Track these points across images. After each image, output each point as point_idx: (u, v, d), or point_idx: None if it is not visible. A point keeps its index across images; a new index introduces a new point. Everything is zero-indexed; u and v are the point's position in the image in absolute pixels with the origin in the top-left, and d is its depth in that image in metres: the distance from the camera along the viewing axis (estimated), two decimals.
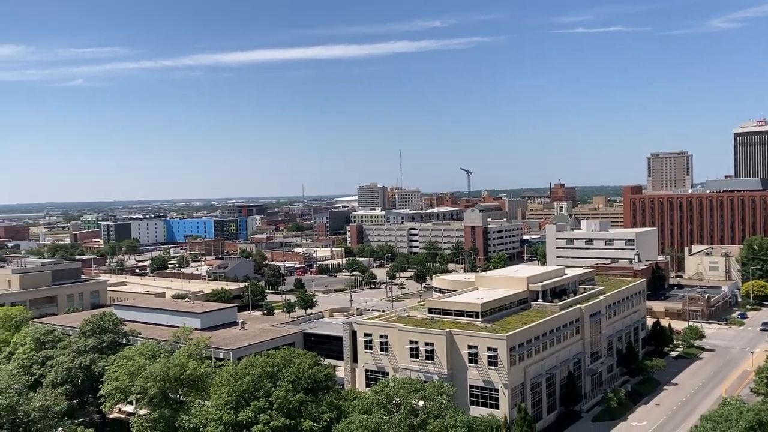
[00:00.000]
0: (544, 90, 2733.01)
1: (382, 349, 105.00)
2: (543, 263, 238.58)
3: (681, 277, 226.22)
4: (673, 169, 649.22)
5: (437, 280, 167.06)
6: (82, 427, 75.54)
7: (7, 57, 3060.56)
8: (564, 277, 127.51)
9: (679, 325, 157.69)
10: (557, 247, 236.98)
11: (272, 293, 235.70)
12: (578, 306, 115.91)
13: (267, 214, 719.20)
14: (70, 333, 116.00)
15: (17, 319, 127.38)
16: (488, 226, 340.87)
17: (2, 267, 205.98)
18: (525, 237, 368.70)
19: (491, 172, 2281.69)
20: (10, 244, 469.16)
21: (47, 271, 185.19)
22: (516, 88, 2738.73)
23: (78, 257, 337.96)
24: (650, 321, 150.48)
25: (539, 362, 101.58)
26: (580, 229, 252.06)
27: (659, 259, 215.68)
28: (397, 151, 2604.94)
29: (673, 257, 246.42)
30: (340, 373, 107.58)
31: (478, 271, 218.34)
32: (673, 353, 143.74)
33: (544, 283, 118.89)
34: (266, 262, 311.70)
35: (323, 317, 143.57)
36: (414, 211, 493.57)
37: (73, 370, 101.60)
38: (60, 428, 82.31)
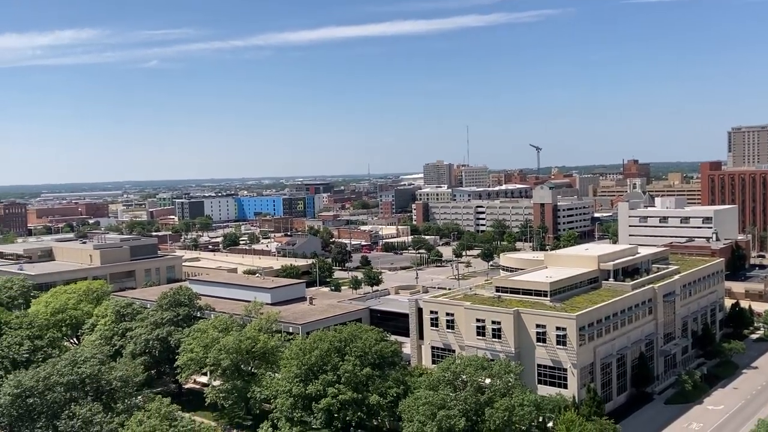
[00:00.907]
0: (618, 62, 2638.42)
1: (448, 327, 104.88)
2: (615, 242, 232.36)
3: (763, 257, 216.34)
4: (757, 143, 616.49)
5: (505, 259, 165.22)
6: (160, 396, 78.73)
7: (87, 40, 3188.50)
8: (637, 256, 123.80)
9: (760, 307, 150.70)
10: (630, 225, 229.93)
11: (339, 270, 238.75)
12: (651, 286, 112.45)
13: (333, 192, 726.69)
14: (148, 306, 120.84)
15: (98, 293, 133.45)
16: (558, 203, 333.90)
17: (84, 243, 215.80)
18: (596, 215, 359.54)
19: (562, 148, 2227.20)
20: (91, 221, 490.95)
21: (126, 246, 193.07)
22: (588, 62, 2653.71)
23: (154, 233, 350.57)
24: (729, 302, 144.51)
25: (609, 342, 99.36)
26: (654, 206, 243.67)
27: (739, 238, 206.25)
28: (464, 127, 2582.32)
29: (755, 236, 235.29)
30: (406, 349, 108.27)
31: (547, 250, 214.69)
32: (754, 336, 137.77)
33: (616, 262, 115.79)
34: (333, 239, 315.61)
35: (389, 294, 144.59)
36: (481, 189, 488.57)
37: (150, 342, 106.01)
38: (139, 397, 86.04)
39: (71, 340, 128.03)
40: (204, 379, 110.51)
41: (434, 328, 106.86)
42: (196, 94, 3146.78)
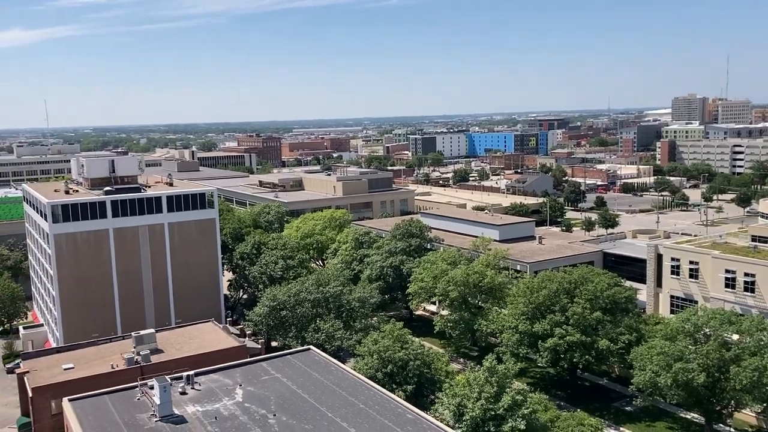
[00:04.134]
0: None
1: (691, 276, 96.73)
2: None
3: None
4: None
5: (765, 205, 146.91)
6: (394, 319, 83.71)
7: None
8: None
9: None
10: None
11: (571, 210, 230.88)
12: None
13: (569, 128, 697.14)
14: (383, 235, 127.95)
15: (341, 221, 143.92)
16: None
17: (329, 175, 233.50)
18: None
19: None
20: (334, 155, 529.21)
21: (364, 179, 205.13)
22: None
23: (389, 168, 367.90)
24: None
25: None
26: None
27: None
28: (724, 56, 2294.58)
29: None
30: (641, 296, 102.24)
31: None
32: None
33: None
34: (566, 177, 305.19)
35: (625, 238, 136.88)
36: (740, 126, 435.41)
37: (385, 269, 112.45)
38: (375, 318, 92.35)
39: (317, 262, 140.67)
40: (433, 308, 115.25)
41: (675, 276, 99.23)
42: (429, 31, 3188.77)
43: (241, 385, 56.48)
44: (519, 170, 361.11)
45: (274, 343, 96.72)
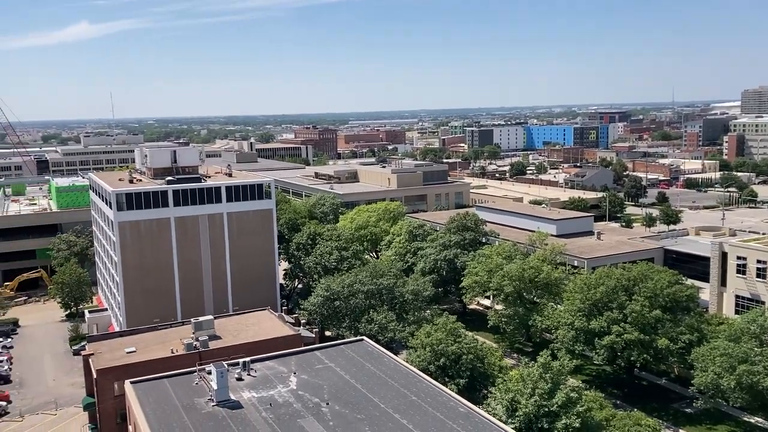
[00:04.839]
0: None
1: (758, 276, 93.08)
2: None
3: None
4: None
5: None
6: (447, 313, 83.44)
7: None
8: None
9: None
10: None
11: (631, 205, 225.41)
12: None
13: (630, 121, 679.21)
14: (437, 228, 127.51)
15: (395, 213, 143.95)
16: None
17: (384, 167, 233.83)
18: None
19: None
20: (390, 147, 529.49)
21: (419, 172, 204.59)
22: None
23: (445, 160, 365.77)
24: None
25: None
26: None
27: None
28: None
29: None
30: (704, 295, 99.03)
31: None
32: None
33: None
34: (627, 172, 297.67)
35: (688, 235, 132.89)
36: None
37: (438, 262, 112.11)
38: (428, 311, 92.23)
39: (371, 254, 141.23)
40: (486, 302, 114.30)
41: (741, 275, 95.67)
42: (490, 21, 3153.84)
43: (295, 373, 57.33)
44: (578, 164, 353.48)
45: (327, 333, 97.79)
